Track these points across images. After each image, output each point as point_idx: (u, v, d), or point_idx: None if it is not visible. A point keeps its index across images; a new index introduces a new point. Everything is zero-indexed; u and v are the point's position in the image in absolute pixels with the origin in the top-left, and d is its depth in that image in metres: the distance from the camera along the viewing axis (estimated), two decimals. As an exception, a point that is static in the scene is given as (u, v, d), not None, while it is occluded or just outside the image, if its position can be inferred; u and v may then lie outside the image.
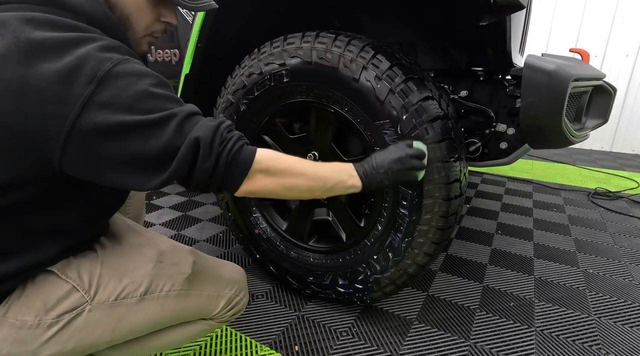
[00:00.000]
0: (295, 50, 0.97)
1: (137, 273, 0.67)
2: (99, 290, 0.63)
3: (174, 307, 0.70)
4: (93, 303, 0.62)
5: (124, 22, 0.63)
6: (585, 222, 1.94)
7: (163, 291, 0.68)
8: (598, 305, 1.22)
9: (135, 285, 0.66)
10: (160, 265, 0.69)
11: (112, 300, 0.64)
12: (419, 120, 0.86)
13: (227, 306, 0.78)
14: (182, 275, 0.71)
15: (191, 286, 0.72)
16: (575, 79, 0.83)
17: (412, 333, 1.05)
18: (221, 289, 0.77)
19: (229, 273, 0.80)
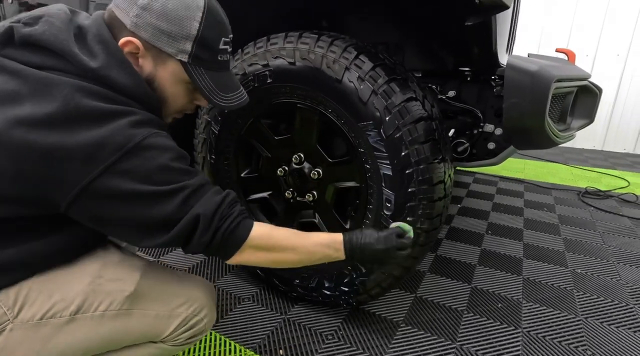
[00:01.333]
0: (278, 51, 0.95)
1: (70, 289, 0.61)
2: (25, 307, 0.58)
3: (111, 329, 0.63)
4: (16, 321, 0.57)
5: (162, 101, 0.68)
6: (575, 221, 1.94)
7: (98, 311, 0.62)
8: (585, 306, 1.22)
9: (66, 302, 0.60)
10: (98, 280, 0.63)
11: (37, 319, 0.58)
12: (401, 122, 0.85)
13: (182, 327, 0.70)
14: (122, 292, 0.64)
15: (134, 304, 0.65)
16: (558, 80, 0.83)
17: (398, 335, 1.05)
18: (174, 308, 0.69)
19: (188, 289, 0.72)
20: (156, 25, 0.60)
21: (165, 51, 0.63)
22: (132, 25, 0.60)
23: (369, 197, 0.96)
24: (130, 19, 0.60)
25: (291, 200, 1.11)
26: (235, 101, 0.72)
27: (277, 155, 1.10)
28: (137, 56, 0.63)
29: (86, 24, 0.62)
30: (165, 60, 0.64)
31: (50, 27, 0.57)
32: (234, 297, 1.20)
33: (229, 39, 0.69)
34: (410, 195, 0.88)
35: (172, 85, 0.67)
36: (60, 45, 0.56)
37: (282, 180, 1.11)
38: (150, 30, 0.61)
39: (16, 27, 0.56)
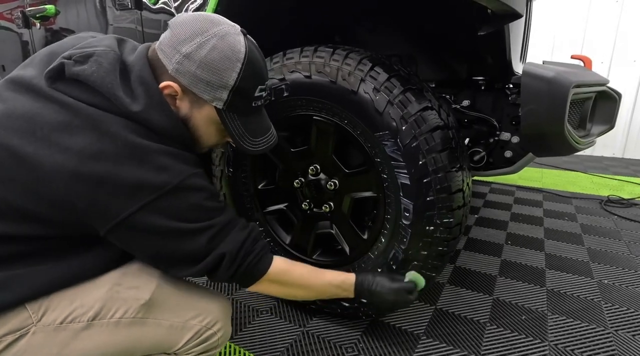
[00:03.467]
0: (294, 65, 0.98)
1: (90, 295, 0.63)
2: (48, 311, 0.60)
3: (126, 336, 0.64)
4: (39, 324, 0.59)
5: (195, 139, 0.71)
6: (599, 230, 1.88)
7: (114, 318, 0.63)
8: (614, 318, 1.17)
9: (85, 308, 0.62)
10: (116, 288, 0.65)
11: (58, 323, 0.60)
12: (418, 131, 0.86)
13: (195, 340, 0.70)
14: (137, 300, 0.65)
15: (149, 313, 0.66)
16: (576, 85, 0.83)
17: (419, 348, 1.02)
18: (188, 319, 0.69)
19: (203, 302, 0.72)
20: (196, 73, 0.63)
21: (201, 97, 0.66)
22: (173, 70, 0.63)
23: (386, 206, 0.96)
24: (172, 64, 0.63)
25: (308, 212, 1.12)
26: (263, 145, 0.76)
27: (293, 167, 1.11)
28: (176, 98, 0.66)
29: (131, 61, 0.65)
30: (202, 105, 0.67)
31: (99, 69, 0.60)
32: (252, 310, 1.19)
33: (265, 85, 0.72)
34: (429, 204, 0.88)
35: (205, 127, 0.70)
36: (106, 88, 0.60)
37: (299, 191, 1.12)
38: (189, 78, 0.63)
39: (67, 64, 0.60)
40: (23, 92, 0.61)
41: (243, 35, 0.67)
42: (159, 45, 0.65)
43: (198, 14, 0.66)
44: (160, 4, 1.26)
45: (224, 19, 0.67)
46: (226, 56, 0.63)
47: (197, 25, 0.63)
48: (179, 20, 0.65)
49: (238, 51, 0.64)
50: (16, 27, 1.88)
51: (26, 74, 0.62)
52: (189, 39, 0.62)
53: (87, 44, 0.65)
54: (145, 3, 1.28)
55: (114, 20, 1.43)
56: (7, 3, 1.90)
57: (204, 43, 0.62)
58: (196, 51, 0.62)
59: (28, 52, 1.89)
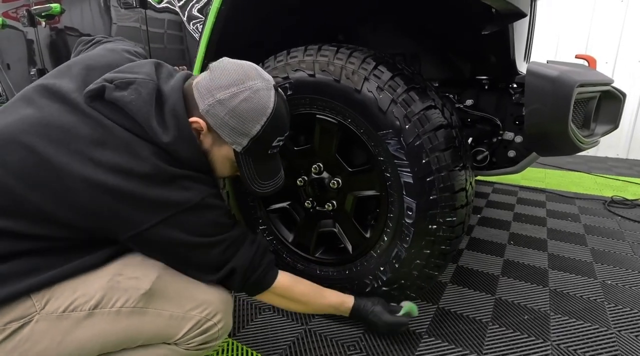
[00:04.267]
0: (298, 64, 0.98)
1: (91, 285, 0.65)
2: (51, 299, 0.62)
3: (126, 326, 0.65)
4: (42, 313, 0.61)
5: (212, 170, 0.78)
6: (602, 231, 1.87)
7: (115, 307, 0.65)
8: (618, 318, 1.17)
9: (87, 297, 0.63)
10: (117, 278, 0.66)
11: (61, 312, 0.62)
12: (421, 130, 0.86)
13: (195, 330, 0.71)
14: (138, 290, 0.67)
15: (149, 303, 0.68)
16: (580, 85, 0.82)
17: (421, 347, 1.03)
18: (188, 310, 0.71)
19: (203, 293, 0.74)
20: (224, 118, 0.69)
21: (223, 139, 0.72)
22: (203, 110, 0.69)
23: (389, 205, 0.96)
24: (204, 105, 0.69)
25: (311, 210, 1.12)
26: (270, 188, 0.81)
27: (296, 165, 1.11)
28: (200, 133, 0.72)
29: (167, 91, 0.70)
30: (222, 144, 0.73)
31: (137, 98, 0.65)
32: (254, 307, 1.20)
33: (284, 136, 0.78)
34: (432, 203, 0.88)
35: (221, 162, 0.77)
36: (142, 117, 0.65)
37: (302, 189, 1.12)
38: (217, 120, 0.69)
39: (108, 87, 0.65)
40: (59, 102, 0.65)
41: (274, 89, 0.73)
42: (196, 84, 0.71)
43: (238, 64, 0.71)
44: (165, 3, 1.26)
45: (260, 72, 0.73)
46: (254, 109, 0.69)
47: (235, 76, 0.69)
48: (220, 66, 0.71)
49: (266, 106, 0.70)
50: (22, 26, 1.89)
51: (63, 86, 0.66)
52: (225, 87, 0.68)
53: (129, 69, 0.70)
54: (150, 2, 1.28)
55: (119, 19, 1.44)
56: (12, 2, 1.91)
57: (238, 94, 0.68)
58: (229, 99, 0.68)
59: (33, 50, 1.90)
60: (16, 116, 0.62)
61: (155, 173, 0.64)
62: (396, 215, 0.95)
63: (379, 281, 1.00)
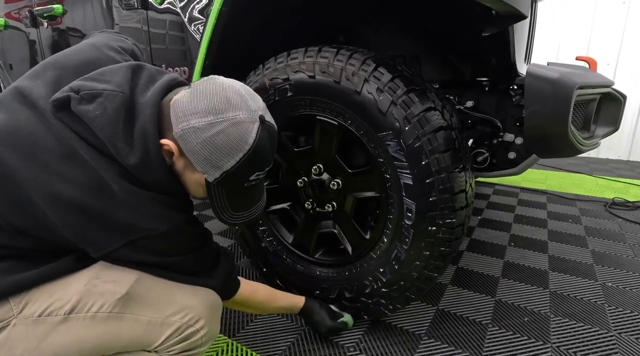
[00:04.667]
0: (298, 65, 0.98)
1: (68, 289, 0.63)
2: (29, 303, 0.60)
3: (102, 332, 0.63)
4: (19, 317, 0.59)
5: (185, 189, 0.71)
6: (603, 233, 1.87)
7: (90, 312, 0.62)
8: (618, 320, 1.17)
9: (62, 302, 0.61)
10: (94, 281, 0.64)
11: (37, 316, 0.60)
12: (421, 131, 0.86)
13: (175, 337, 0.67)
14: (114, 294, 0.63)
15: (126, 308, 0.65)
16: (580, 87, 0.82)
17: (421, 348, 1.03)
18: (168, 316, 0.67)
19: (186, 297, 0.70)
20: (196, 147, 0.62)
21: (195, 167, 0.64)
22: (176, 134, 0.62)
23: (389, 206, 0.96)
24: (178, 128, 0.62)
25: (311, 211, 1.12)
26: (242, 219, 0.74)
27: (296, 167, 1.12)
28: (171, 155, 0.65)
29: (141, 105, 0.63)
30: (194, 171, 0.66)
31: (102, 114, 0.60)
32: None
33: (263, 171, 0.70)
34: (431, 204, 0.88)
35: (194, 186, 0.69)
36: (106, 137, 0.60)
37: (302, 191, 1.12)
38: (188, 147, 0.62)
39: (73, 98, 0.60)
40: (29, 108, 0.62)
41: (260, 122, 0.64)
42: (174, 102, 0.63)
43: (223, 89, 0.63)
44: (166, 4, 1.27)
45: (246, 101, 0.64)
46: (230, 144, 0.62)
47: (216, 102, 0.61)
48: (203, 87, 0.63)
49: (244, 142, 0.62)
50: (24, 27, 1.90)
51: (34, 90, 0.63)
52: (203, 114, 0.61)
53: (99, 76, 0.64)
54: (152, 3, 1.29)
55: (120, 19, 1.44)
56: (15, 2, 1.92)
57: (215, 124, 0.61)
58: (204, 129, 0.61)
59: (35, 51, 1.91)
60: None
61: (122, 195, 0.60)
62: (396, 216, 0.95)
63: (379, 283, 1.00)
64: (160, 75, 0.69)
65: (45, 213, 0.58)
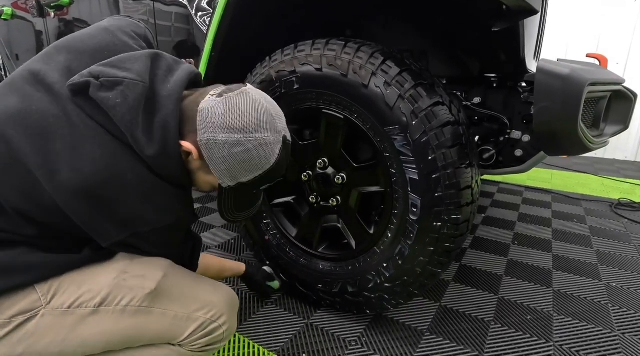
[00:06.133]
0: (305, 58, 0.98)
1: (97, 282, 0.64)
2: (57, 294, 0.61)
3: (131, 324, 0.65)
4: (48, 307, 0.60)
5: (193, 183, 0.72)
6: (608, 233, 1.86)
7: (120, 306, 0.64)
8: (622, 321, 1.16)
9: (92, 294, 0.63)
10: (123, 276, 0.66)
11: (66, 307, 0.61)
12: (428, 126, 0.85)
13: (199, 332, 0.70)
14: (143, 289, 0.65)
15: (154, 303, 0.67)
16: (591, 84, 0.81)
17: (423, 344, 1.02)
18: (193, 311, 0.70)
19: (208, 294, 0.73)
20: (219, 158, 0.63)
21: (212, 172, 0.66)
22: (201, 142, 0.62)
23: (394, 201, 0.96)
24: (204, 136, 0.62)
25: (315, 205, 1.12)
26: (241, 218, 0.79)
27: (301, 160, 1.11)
28: (189, 155, 0.66)
29: (162, 96, 0.63)
30: (209, 173, 0.67)
31: (123, 103, 0.59)
32: (257, 301, 1.20)
33: (274, 182, 0.72)
34: (437, 200, 0.87)
35: (203, 184, 0.71)
36: (125, 125, 0.59)
37: (307, 184, 1.12)
38: (212, 156, 0.63)
39: (93, 85, 0.59)
40: (43, 92, 0.60)
41: (282, 143, 0.66)
42: (202, 109, 0.62)
43: (255, 107, 0.64)
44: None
45: (274, 122, 0.65)
46: (253, 162, 0.64)
47: (247, 121, 0.62)
48: (234, 102, 0.63)
49: (267, 163, 0.65)
50: (31, 17, 1.90)
51: (49, 74, 0.62)
52: (232, 130, 0.62)
53: (119, 63, 0.63)
54: (159, -6, 1.28)
55: (127, 11, 1.44)
56: (22, -8, 1.92)
57: (243, 142, 0.62)
58: (231, 145, 0.62)
59: (42, 41, 1.91)
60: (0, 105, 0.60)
61: (134, 183, 0.60)
62: (401, 211, 0.94)
63: (382, 278, 1.00)
64: (178, 65, 0.69)
65: (53, 201, 0.58)
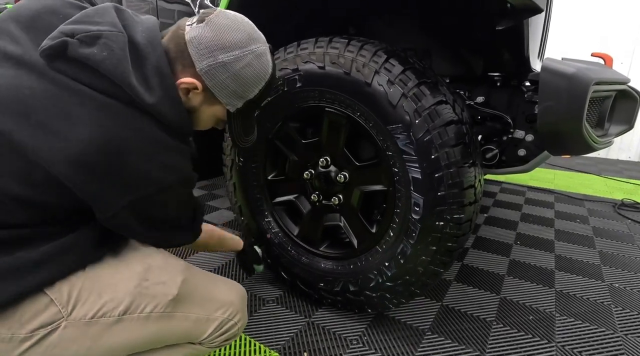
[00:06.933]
0: (308, 56, 0.97)
1: (118, 290, 0.63)
2: (77, 305, 0.60)
3: (155, 330, 0.66)
4: (69, 319, 0.59)
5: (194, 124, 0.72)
6: (611, 234, 1.85)
7: (144, 313, 0.64)
8: (625, 322, 1.15)
9: (115, 303, 0.62)
10: (144, 283, 0.65)
11: (89, 318, 0.60)
12: (432, 125, 0.85)
13: (218, 331, 0.73)
14: (166, 296, 0.66)
15: (177, 308, 0.68)
16: (596, 83, 0.80)
17: (424, 343, 1.02)
18: (212, 312, 0.72)
19: (224, 294, 0.76)
20: (225, 82, 0.64)
21: (219, 99, 0.67)
22: (202, 71, 0.63)
23: (396, 200, 0.95)
24: (203, 65, 0.62)
25: (317, 203, 1.12)
26: (249, 143, 0.81)
27: (304, 159, 1.11)
28: (190, 92, 0.65)
29: (143, 45, 0.61)
30: (214, 103, 0.68)
31: (110, 55, 0.56)
32: (258, 299, 1.21)
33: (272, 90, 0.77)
34: (439, 199, 0.87)
35: (207, 119, 0.73)
36: (121, 77, 0.57)
37: (309, 183, 1.12)
38: (217, 83, 0.64)
39: (71, 43, 0.55)
40: (13, 66, 0.56)
41: (270, 52, 0.69)
42: (191, 40, 0.62)
43: (239, 23, 0.65)
44: (176, -8, 1.26)
45: (260, 34, 0.68)
46: (256, 74, 0.67)
47: (239, 36, 0.64)
48: (221, 23, 0.63)
49: (266, 72, 0.68)
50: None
51: (9, 47, 0.57)
52: (229, 49, 0.63)
53: (87, 19, 0.59)
54: (161, -9, 1.28)
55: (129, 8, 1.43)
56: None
57: (242, 58, 0.64)
58: (232, 63, 0.63)
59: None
60: None
61: (136, 141, 0.57)
62: (403, 210, 0.94)
63: (384, 277, 1.00)
64: (137, 16, 0.68)
65: (47, 176, 0.54)
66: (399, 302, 1.02)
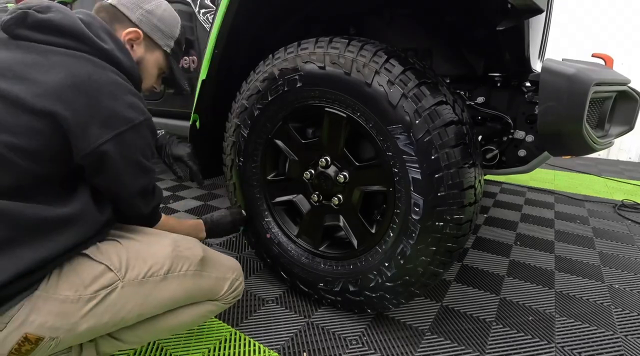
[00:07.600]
0: (308, 56, 0.97)
1: (158, 256, 0.77)
2: (128, 269, 0.73)
3: (190, 286, 0.81)
4: (124, 280, 0.72)
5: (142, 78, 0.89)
6: (611, 234, 1.85)
7: (182, 271, 0.79)
8: (624, 323, 1.15)
9: (159, 265, 0.76)
10: (177, 249, 0.81)
11: (141, 278, 0.74)
12: (432, 125, 0.85)
13: (230, 288, 0.89)
14: (196, 257, 0.82)
15: (203, 268, 0.83)
16: (596, 83, 0.80)
17: (424, 344, 1.02)
18: (225, 273, 0.89)
19: (227, 261, 0.93)
20: (156, 24, 0.87)
21: (157, 42, 0.89)
22: (137, 20, 0.84)
23: (396, 201, 0.95)
24: (136, 16, 0.84)
25: (316, 204, 1.12)
26: (188, 86, 1.00)
27: (303, 159, 1.11)
28: (133, 43, 0.84)
29: (84, 15, 0.75)
30: (154, 50, 0.89)
31: (66, 16, 0.70)
32: (258, 299, 1.21)
33: None
34: (439, 200, 0.87)
35: (152, 69, 0.91)
36: (80, 30, 0.70)
37: (308, 183, 1.12)
38: (151, 27, 0.86)
39: (31, 13, 0.67)
40: None
41: None
42: (119, 2, 0.83)
43: None
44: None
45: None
46: (173, 16, 0.92)
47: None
48: None
49: (177, 15, 0.94)
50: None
51: None
52: (148, 1, 0.86)
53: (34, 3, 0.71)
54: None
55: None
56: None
57: (159, 5, 0.89)
58: (155, 9, 0.87)
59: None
60: None
61: (102, 83, 0.67)
62: (403, 211, 0.94)
63: (383, 277, 1.00)
64: None
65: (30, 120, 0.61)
66: (398, 302, 1.02)
